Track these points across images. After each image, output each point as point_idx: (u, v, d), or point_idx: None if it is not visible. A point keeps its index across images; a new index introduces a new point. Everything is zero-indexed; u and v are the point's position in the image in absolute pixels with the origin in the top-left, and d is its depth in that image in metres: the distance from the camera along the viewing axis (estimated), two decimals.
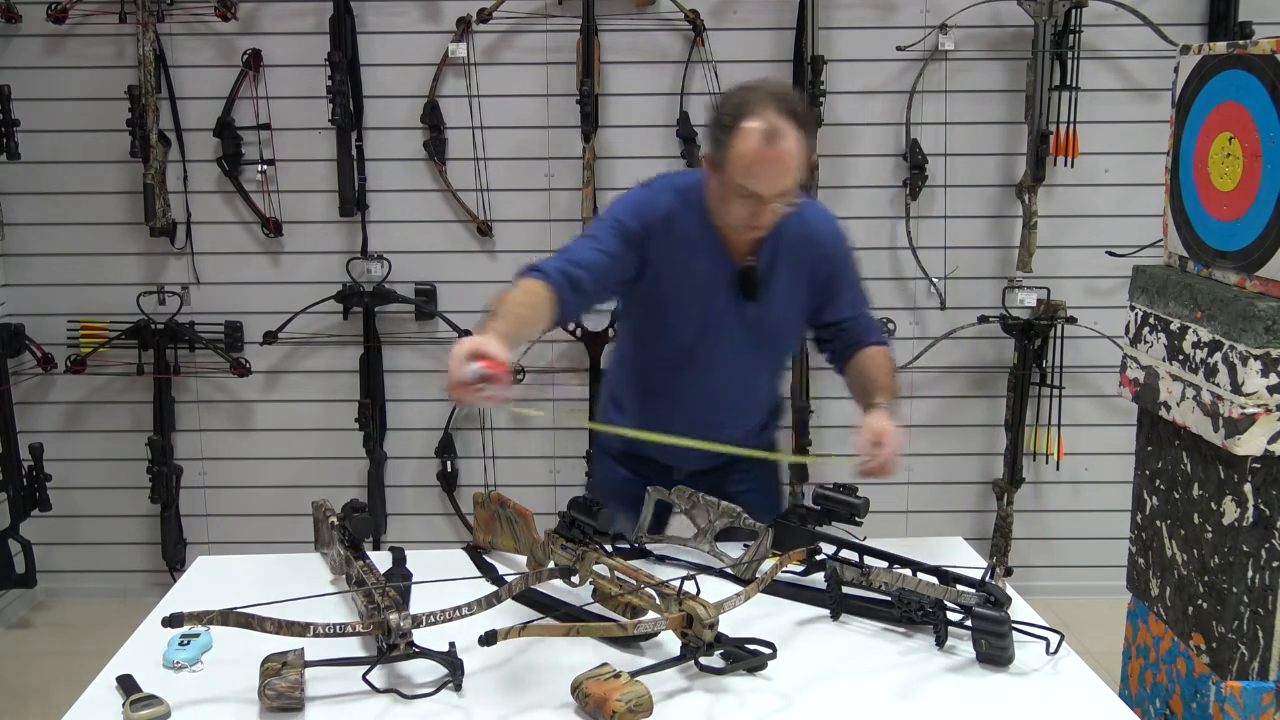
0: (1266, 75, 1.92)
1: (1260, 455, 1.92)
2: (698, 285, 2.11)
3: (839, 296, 2.20)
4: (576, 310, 2.04)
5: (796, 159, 1.94)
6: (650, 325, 2.20)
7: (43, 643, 3.69)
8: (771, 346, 2.26)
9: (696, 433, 2.05)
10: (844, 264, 2.21)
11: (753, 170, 1.93)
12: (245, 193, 3.72)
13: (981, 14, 3.61)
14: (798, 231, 2.12)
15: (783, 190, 1.96)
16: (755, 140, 1.91)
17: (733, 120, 1.94)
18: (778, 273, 2.13)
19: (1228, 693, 2.02)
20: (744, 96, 1.95)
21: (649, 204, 2.10)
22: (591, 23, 3.54)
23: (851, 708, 1.64)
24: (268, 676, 1.59)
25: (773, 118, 1.91)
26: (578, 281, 1.98)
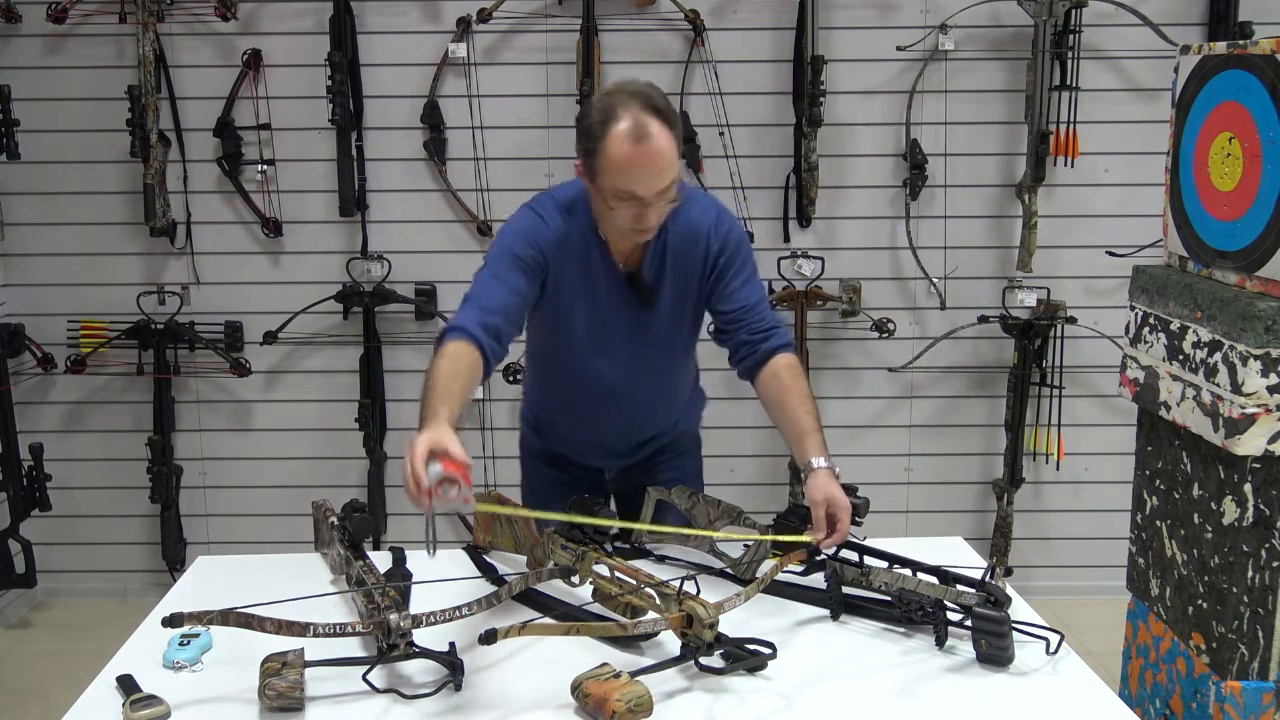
0: (1266, 75, 1.92)
1: (1260, 455, 1.92)
2: (591, 298, 2.11)
3: (729, 285, 2.14)
4: (499, 356, 2.00)
5: (670, 154, 1.91)
6: (552, 341, 2.21)
7: (43, 643, 3.68)
8: (673, 345, 2.23)
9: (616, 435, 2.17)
10: (733, 253, 2.14)
11: (628, 172, 1.90)
12: (245, 193, 3.72)
13: (981, 14, 3.61)
14: (681, 229, 2.10)
15: (661, 188, 1.92)
16: (625, 142, 1.88)
17: (600, 127, 1.90)
18: (667, 274, 2.12)
19: (1228, 693, 2.02)
20: (606, 101, 1.93)
21: (539, 229, 2.06)
22: (591, 23, 3.54)
23: (851, 708, 1.64)
24: (268, 676, 1.59)
25: (638, 116, 1.89)
26: (498, 331, 1.97)
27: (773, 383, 2.14)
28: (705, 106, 3.64)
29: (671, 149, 1.91)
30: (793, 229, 3.75)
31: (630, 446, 2.31)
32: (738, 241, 2.16)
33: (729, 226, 2.15)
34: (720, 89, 3.63)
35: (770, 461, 3.87)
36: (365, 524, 1.99)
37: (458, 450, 1.66)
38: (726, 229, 2.14)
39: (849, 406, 3.87)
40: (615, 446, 2.30)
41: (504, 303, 1.99)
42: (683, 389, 2.35)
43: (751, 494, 3.82)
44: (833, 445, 3.86)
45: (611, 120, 1.90)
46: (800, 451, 2.06)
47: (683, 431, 2.40)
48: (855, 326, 3.78)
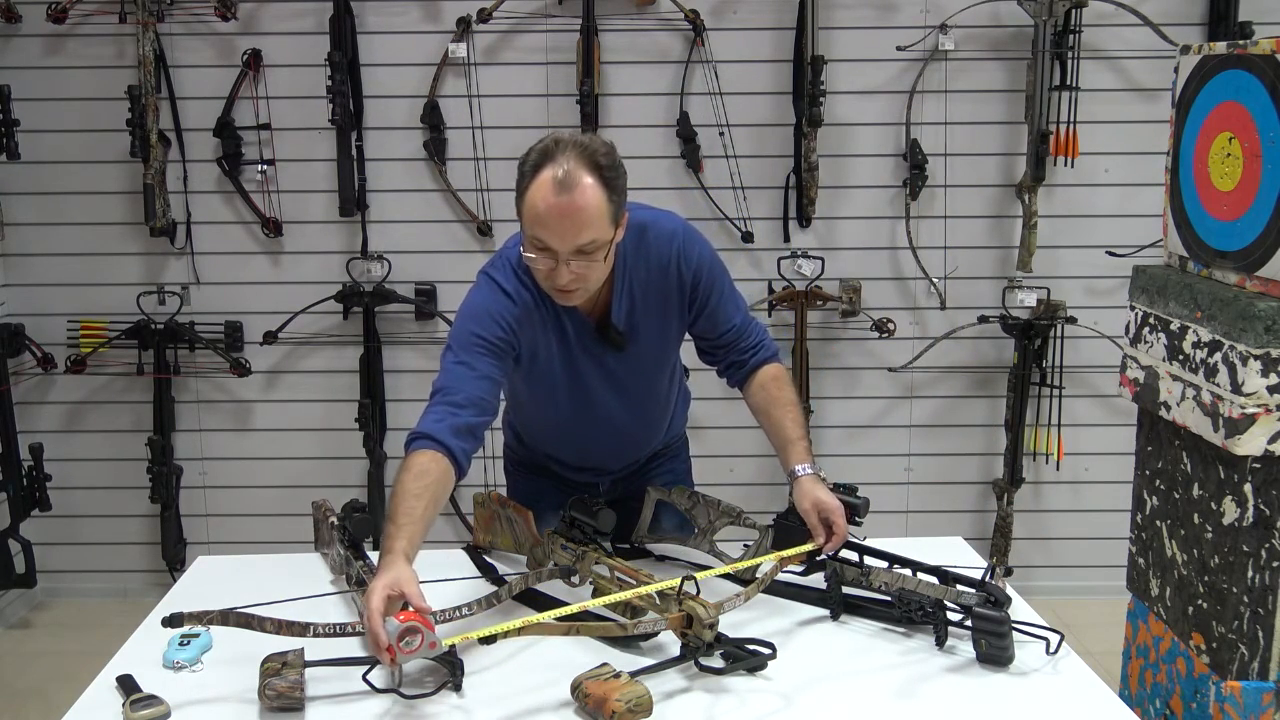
0: (1266, 75, 1.92)
1: (1260, 455, 1.92)
2: (566, 354, 2.05)
3: (711, 310, 2.09)
4: (471, 453, 1.91)
5: (592, 212, 1.80)
6: (533, 395, 2.15)
7: (43, 643, 3.68)
8: (658, 376, 2.18)
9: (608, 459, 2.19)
10: (708, 276, 2.06)
11: (542, 219, 1.81)
12: (245, 193, 3.72)
13: (981, 14, 3.61)
14: (648, 264, 2.02)
15: (576, 245, 1.82)
16: (548, 190, 1.79)
17: (532, 170, 1.83)
18: (639, 313, 2.04)
19: (1228, 693, 2.02)
20: (545, 144, 1.84)
21: (500, 304, 1.97)
22: (591, 23, 3.54)
23: (851, 708, 1.64)
24: (268, 676, 1.59)
25: (569, 166, 1.79)
26: (471, 429, 1.88)
27: (760, 393, 2.14)
28: (705, 106, 3.64)
29: (596, 208, 1.81)
30: (793, 229, 3.75)
31: (622, 466, 2.30)
32: (709, 263, 2.07)
33: (696, 250, 2.05)
34: (720, 89, 3.63)
35: (770, 461, 3.82)
36: (365, 524, 1.99)
37: (416, 596, 1.61)
38: (695, 254, 2.04)
39: (849, 406, 3.87)
40: (607, 467, 2.29)
41: (476, 395, 1.90)
42: (671, 403, 2.31)
43: (751, 494, 3.82)
44: (833, 445, 3.92)
45: (544, 165, 1.82)
46: (785, 459, 2.06)
47: (672, 435, 2.39)
48: (855, 326, 3.78)
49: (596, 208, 1.81)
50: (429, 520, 1.78)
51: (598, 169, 1.82)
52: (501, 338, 1.95)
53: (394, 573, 1.63)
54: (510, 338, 1.96)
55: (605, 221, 1.84)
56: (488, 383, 1.92)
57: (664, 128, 3.68)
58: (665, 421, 2.31)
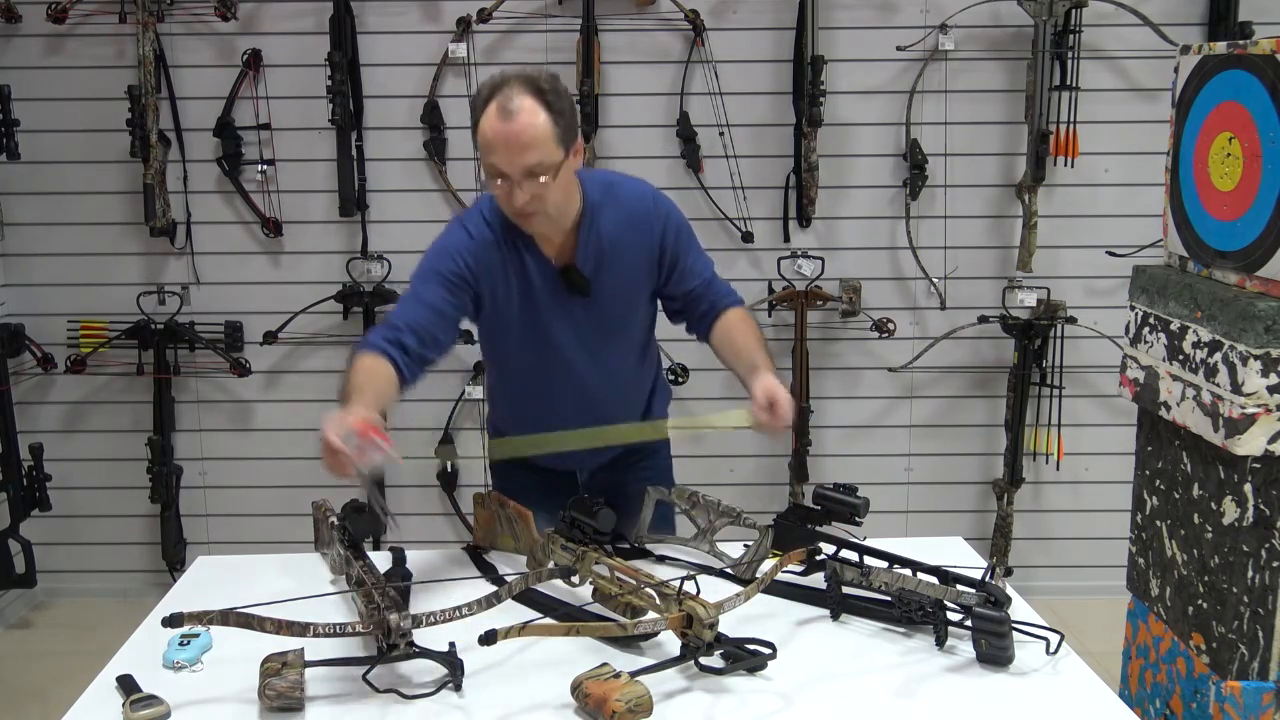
0: (1266, 75, 1.92)
1: (1260, 455, 1.92)
2: (526, 296, 2.13)
3: (679, 267, 2.18)
4: (416, 370, 2.04)
5: (536, 132, 1.92)
6: (498, 344, 2.23)
7: (43, 643, 3.68)
8: (620, 331, 2.23)
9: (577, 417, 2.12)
10: (675, 235, 2.17)
11: (492, 146, 1.94)
12: (245, 193, 3.72)
13: (981, 14, 3.61)
14: (618, 215, 2.13)
15: (527, 166, 1.94)
16: (493, 117, 1.93)
17: (480, 104, 1.97)
18: (606, 262, 2.13)
19: (1228, 693, 2.02)
20: (493, 80, 1.98)
21: (461, 241, 2.11)
22: (591, 23, 3.54)
23: (851, 708, 1.64)
24: (268, 676, 1.59)
25: (513, 94, 1.93)
26: (405, 345, 2.01)
27: (723, 331, 2.19)
28: (705, 106, 3.64)
29: (539, 127, 1.93)
30: (793, 229, 3.75)
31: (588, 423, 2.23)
32: (679, 220, 2.19)
33: (667, 207, 2.18)
34: (720, 89, 3.63)
35: (770, 461, 3.87)
36: (365, 524, 1.98)
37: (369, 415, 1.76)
38: (666, 210, 2.17)
39: (849, 406, 3.87)
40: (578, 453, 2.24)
41: (417, 319, 2.03)
42: (643, 382, 2.32)
43: (751, 494, 3.82)
44: (832, 445, 3.92)
45: (490, 98, 1.95)
46: (748, 367, 2.08)
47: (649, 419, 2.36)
48: (855, 326, 3.78)
49: (539, 128, 1.93)
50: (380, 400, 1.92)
51: (539, 93, 1.94)
52: (455, 271, 2.08)
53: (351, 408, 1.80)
54: (464, 272, 2.08)
55: (551, 144, 1.95)
56: (432, 312, 2.05)
57: (664, 128, 3.68)
58: (637, 395, 2.30)
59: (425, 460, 1.99)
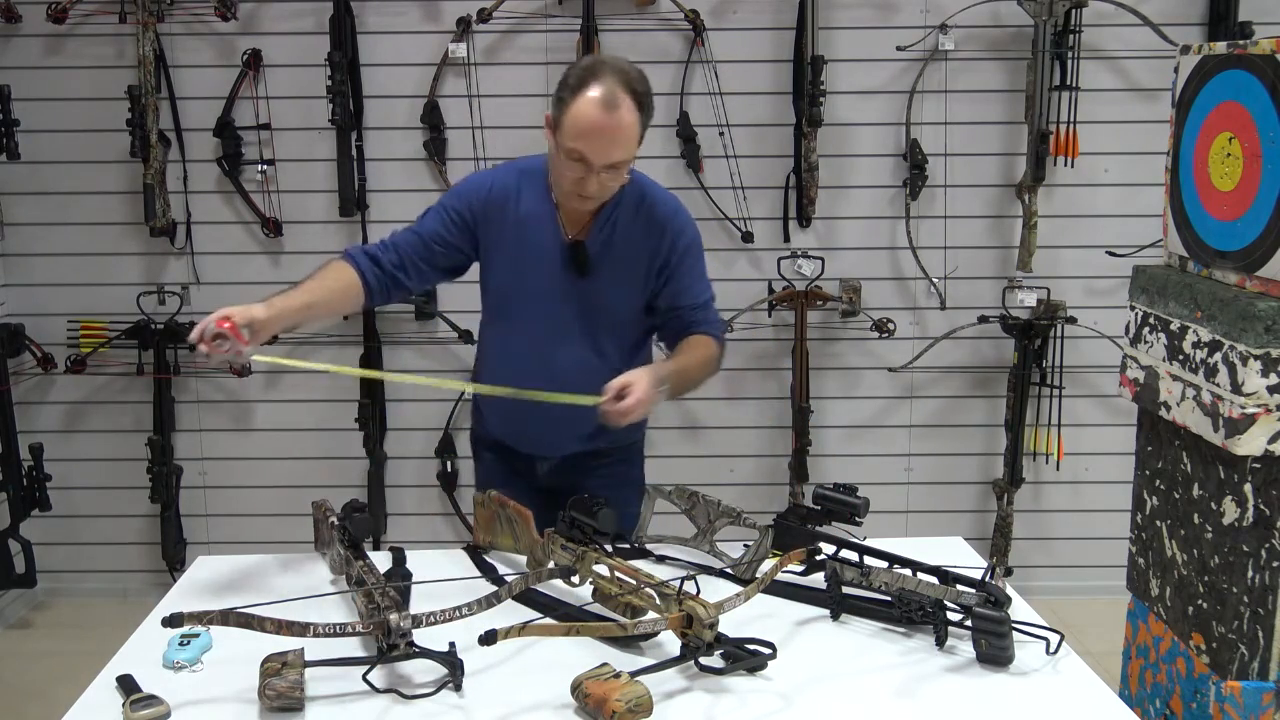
0: (1266, 75, 1.92)
1: (1260, 455, 1.92)
2: (530, 258, 2.18)
3: (676, 284, 2.21)
4: (386, 286, 2.17)
5: (630, 132, 2.01)
6: (492, 300, 2.29)
7: (43, 643, 3.69)
8: (608, 323, 2.23)
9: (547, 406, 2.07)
10: (685, 253, 2.21)
11: (586, 134, 1.99)
12: (245, 193, 3.72)
13: (981, 14, 3.61)
14: (638, 215, 2.18)
15: (612, 161, 2.01)
16: (593, 105, 1.98)
17: (577, 84, 2.01)
18: (613, 252, 2.18)
19: (1228, 693, 2.02)
20: (591, 64, 2.04)
21: (479, 186, 2.23)
22: (591, 23, 3.54)
23: (851, 708, 1.64)
24: (268, 676, 1.59)
25: (614, 88, 1.99)
26: (380, 260, 2.15)
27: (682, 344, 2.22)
28: (705, 106, 3.65)
29: (633, 128, 2.01)
30: (793, 229, 3.75)
31: (567, 435, 2.25)
32: (693, 239, 2.23)
33: (685, 224, 2.23)
34: (720, 89, 3.63)
35: (770, 461, 3.87)
36: (365, 524, 1.98)
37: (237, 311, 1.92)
38: (683, 226, 2.22)
39: (849, 406, 3.87)
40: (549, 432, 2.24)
41: (401, 240, 2.19)
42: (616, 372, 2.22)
43: (751, 494, 3.82)
44: (833, 445, 3.92)
45: (590, 82, 1.99)
46: None
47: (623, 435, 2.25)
48: (855, 326, 3.78)
49: (633, 128, 2.02)
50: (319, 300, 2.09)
51: (635, 93, 2.02)
52: (458, 210, 2.20)
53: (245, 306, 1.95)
54: (467, 213, 2.19)
55: (635, 142, 2.05)
56: (419, 240, 2.19)
57: (664, 128, 3.68)
58: None
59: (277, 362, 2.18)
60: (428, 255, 2.19)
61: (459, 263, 2.25)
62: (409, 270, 2.18)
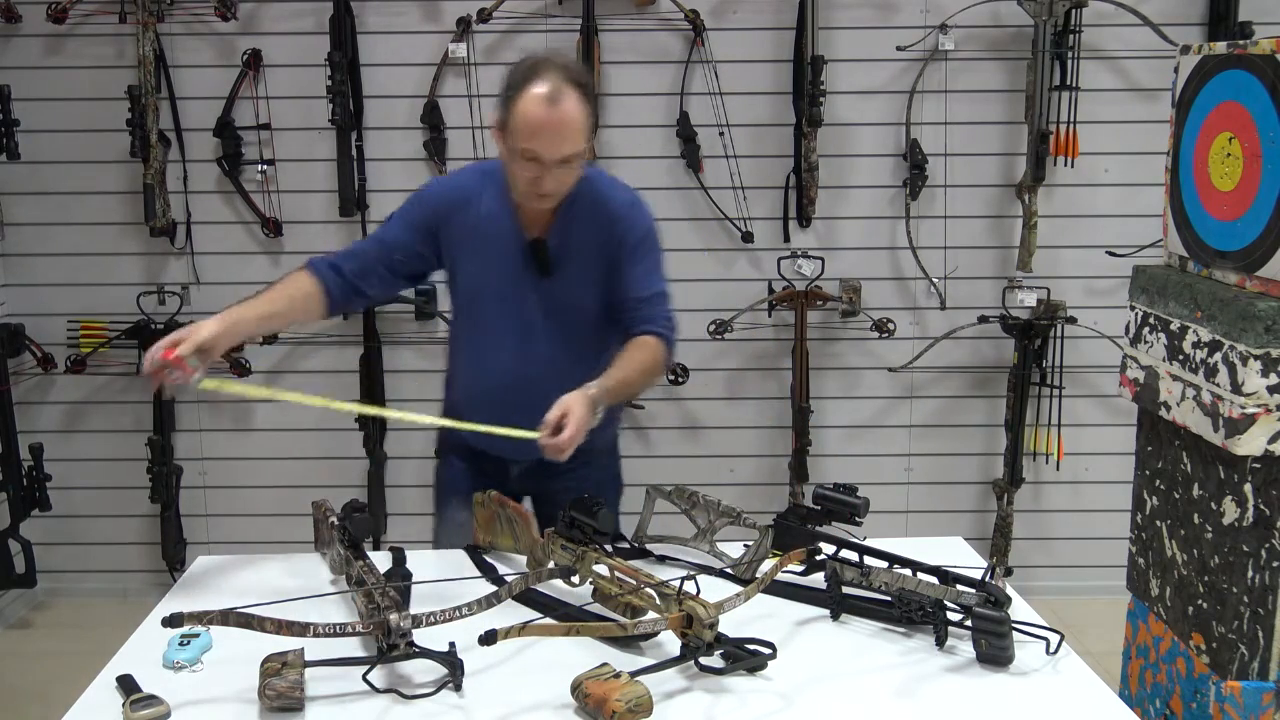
0: (1266, 75, 1.92)
1: (1260, 455, 1.92)
2: (493, 259, 2.18)
3: (625, 274, 2.18)
4: (348, 294, 2.19)
5: (578, 124, 2.01)
6: (460, 301, 2.29)
7: (43, 643, 3.69)
8: (574, 321, 2.21)
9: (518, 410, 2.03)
10: (636, 241, 2.18)
11: (535, 133, 1.99)
12: (245, 193, 3.72)
13: (981, 14, 3.61)
14: (594, 211, 2.17)
15: (564, 155, 2.01)
16: (539, 102, 1.98)
17: (520, 84, 2.00)
18: (573, 248, 2.17)
19: (1228, 693, 2.02)
20: (532, 63, 2.03)
21: (439, 190, 2.25)
22: (591, 23, 3.54)
23: (851, 708, 1.64)
24: (268, 676, 1.59)
25: (556, 83, 1.99)
26: (342, 269, 2.17)
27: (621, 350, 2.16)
28: (705, 106, 3.65)
29: (580, 120, 2.01)
30: (793, 229, 3.75)
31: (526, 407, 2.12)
32: (646, 230, 2.21)
33: (640, 215, 2.21)
34: (720, 89, 3.64)
35: (770, 461, 3.87)
36: (365, 524, 1.98)
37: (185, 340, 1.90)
38: (636, 216, 2.20)
39: (849, 406, 3.87)
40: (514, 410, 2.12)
41: (362, 248, 2.22)
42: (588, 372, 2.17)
43: (751, 494, 3.82)
44: (833, 445, 3.92)
45: (533, 80, 1.99)
46: None
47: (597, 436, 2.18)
48: (855, 326, 3.78)
49: (579, 120, 2.01)
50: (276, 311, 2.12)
51: (579, 85, 2.02)
52: (420, 216, 2.20)
53: (198, 324, 1.95)
54: (430, 217, 2.19)
55: (585, 134, 2.04)
56: (380, 247, 2.20)
57: (664, 128, 3.68)
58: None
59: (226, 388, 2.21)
60: (390, 262, 2.19)
61: (421, 269, 2.24)
62: (371, 278, 2.19)
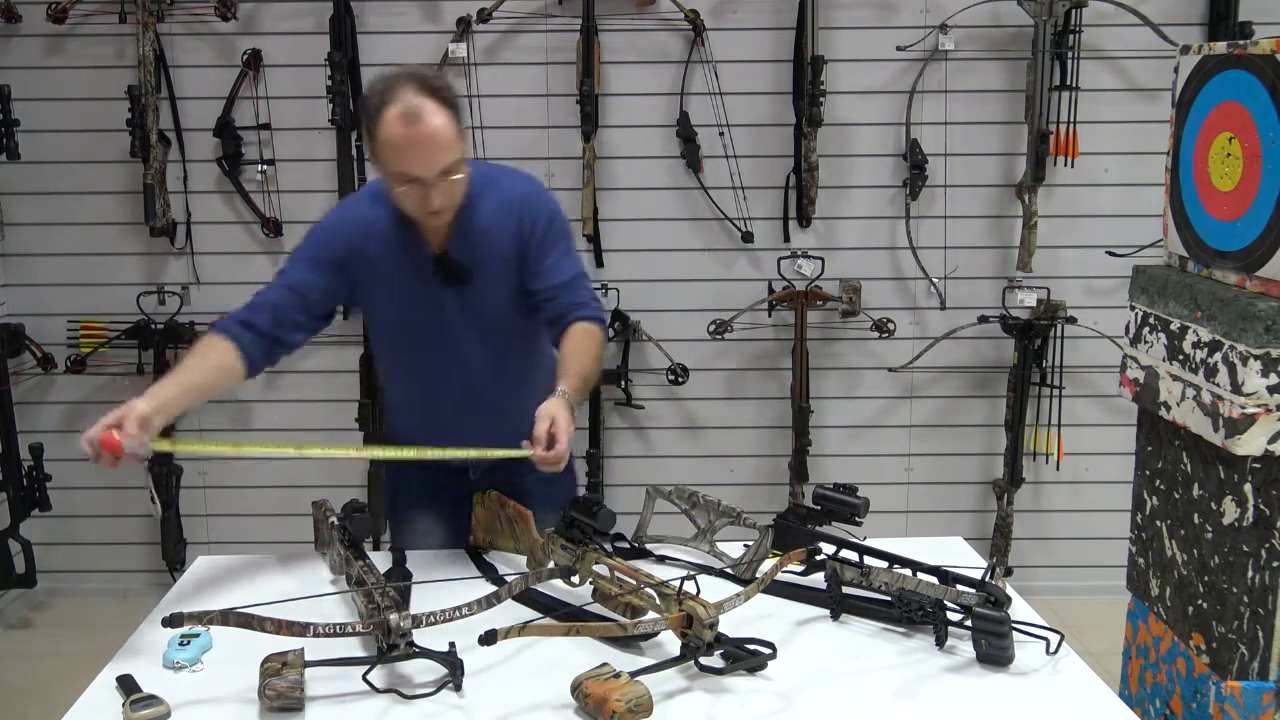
0: (1266, 75, 1.92)
1: (1260, 455, 1.92)
2: (404, 283, 2.11)
3: (539, 263, 2.12)
4: (266, 350, 2.07)
5: (445, 134, 1.93)
6: (380, 334, 2.24)
7: (43, 643, 3.69)
8: (500, 322, 2.16)
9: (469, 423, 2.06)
10: (545, 229, 2.12)
11: (404, 154, 1.92)
12: (245, 193, 3.72)
13: (981, 14, 3.61)
14: (495, 206, 2.10)
15: (441, 168, 1.93)
16: (398, 124, 1.90)
17: (376, 110, 1.93)
18: (480, 252, 2.10)
19: (1228, 693, 2.02)
20: (383, 84, 1.95)
21: (336, 223, 2.13)
22: (591, 23, 3.54)
23: (851, 708, 1.64)
24: (268, 676, 1.59)
25: (411, 98, 1.91)
26: (255, 325, 2.05)
27: (563, 339, 2.10)
28: (705, 106, 3.65)
29: (446, 129, 1.93)
30: (793, 229, 3.75)
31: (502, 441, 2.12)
32: (550, 217, 2.14)
33: (541, 202, 2.14)
34: (720, 89, 3.63)
35: (770, 461, 3.87)
36: (365, 524, 1.98)
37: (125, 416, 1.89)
38: (537, 205, 2.13)
39: (849, 406, 3.87)
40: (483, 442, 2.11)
41: (275, 300, 2.08)
42: (533, 379, 2.22)
43: (751, 494, 3.82)
44: (832, 445, 3.92)
45: (386, 103, 1.92)
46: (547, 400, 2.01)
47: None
48: (855, 326, 3.78)
49: (446, 129, 1.93)
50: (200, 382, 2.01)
51: (434, 92, 1.94)
52: (324, 254, 2.10)
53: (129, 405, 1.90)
54: (334, 253, 2.10)
55: (457, 141, 1.96)
56: (290, 293, 2.09)
57: (664, 128, 3.68)
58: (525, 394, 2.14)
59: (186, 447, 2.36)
60: (304, 305, 2.09)
61: (334, 306, 2.17)
62: (288, 326, 2.08)
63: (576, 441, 3.97)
